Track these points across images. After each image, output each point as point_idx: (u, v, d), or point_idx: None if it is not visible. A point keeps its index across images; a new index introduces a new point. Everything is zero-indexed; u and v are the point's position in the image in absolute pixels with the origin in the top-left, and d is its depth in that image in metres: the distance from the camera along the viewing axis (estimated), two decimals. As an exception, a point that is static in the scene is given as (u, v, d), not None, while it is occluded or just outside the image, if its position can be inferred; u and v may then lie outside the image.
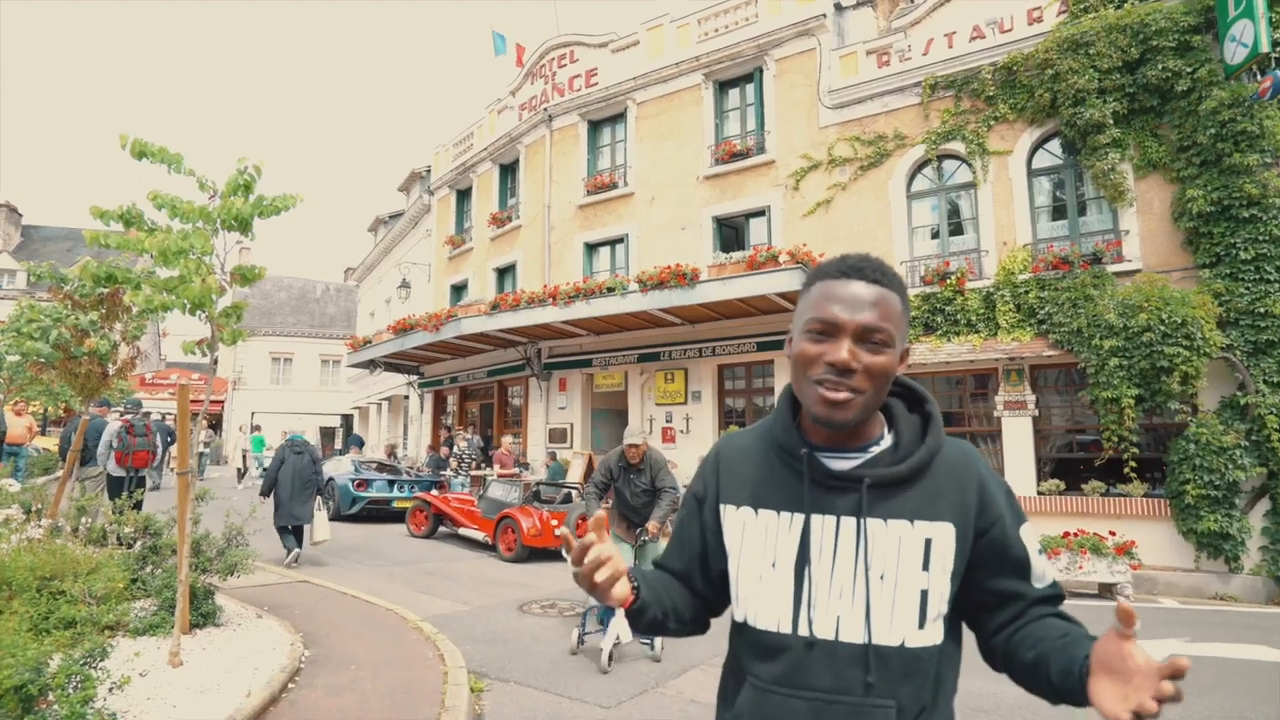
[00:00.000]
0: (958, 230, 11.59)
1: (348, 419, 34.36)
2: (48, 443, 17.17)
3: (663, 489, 5.84)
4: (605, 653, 5.21)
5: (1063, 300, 9.92)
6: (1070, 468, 10.28)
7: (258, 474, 21.82)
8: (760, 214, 13.54)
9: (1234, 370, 8.97)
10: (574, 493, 11.38)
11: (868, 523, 1.12)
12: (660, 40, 15.03)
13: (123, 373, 7.71)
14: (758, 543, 1.20)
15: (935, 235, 11.75)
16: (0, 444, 12.60)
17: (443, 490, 14.03)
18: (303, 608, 6.42)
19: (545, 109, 16.80)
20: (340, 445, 31.64)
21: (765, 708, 1.15)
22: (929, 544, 1.11)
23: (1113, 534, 8.67)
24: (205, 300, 4.54)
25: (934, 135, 11.50)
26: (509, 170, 18.93)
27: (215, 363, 35.05)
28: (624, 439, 5.94)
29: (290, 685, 4.37)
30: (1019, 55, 10.68)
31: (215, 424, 34.41)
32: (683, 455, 13.09)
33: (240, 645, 4.97)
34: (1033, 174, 10.93)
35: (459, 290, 20.12)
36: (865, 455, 1.17)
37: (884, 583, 1.11)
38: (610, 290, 12.88)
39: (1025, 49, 10.65)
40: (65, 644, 4.08)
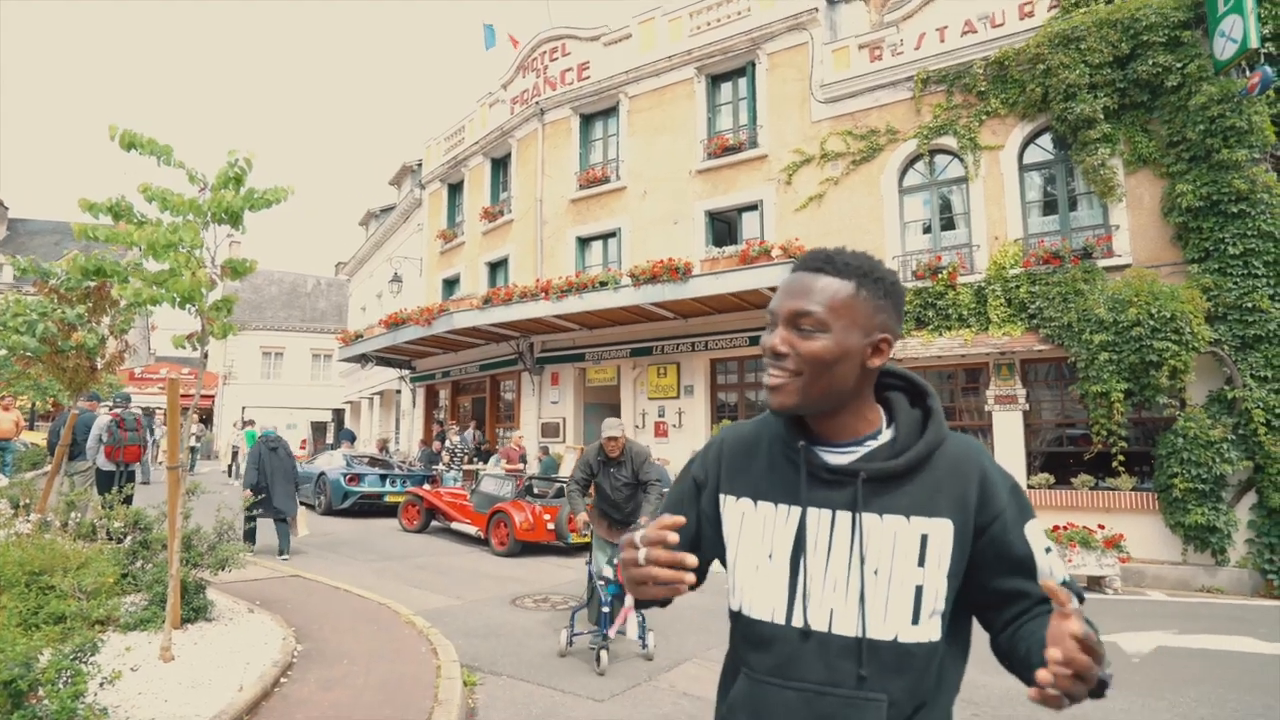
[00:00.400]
0: (949, 225, 11.62)
1: (339, 414, 34.23)
2: (36, 437, 17.05)
3: (648, 481, 5.66)
4: (601, 657, 5.03)
5: (1053, 295, 9.97)
6: (1060, 461, 10.35)
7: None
8: (753, 208, 13.55)
9: (1222, 365, 9.05)
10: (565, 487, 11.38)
11: (863, 517, 1.12)
12: (652, 33, 14.99)
13: (111, 367, 7.64)
14: (755, 534, 1.20)
15: (927, 230, 11.78)
16: None
17: (435, 485, 14.02)
18: (295, 602, 6.41)
19: (537, 102, 16.74)
20: (332, 440, 31.54)
21: (758, 698, 1.16)
22: (925, 540, 1.11)
23: (1101, 527, 8.74)
24: (195, 294, 4.50)
25: (926, 130, 11.52)
26: (501, 164, 18.86)
27: (206, 357, 34.85)
28: (602, 431, 5.78)
29: (282, 679, 4.37)
30: (1010, 50, 10.70)
31: (206, 419, 34.27)
32: (675, 450, 13.12)
33: (232, 640, 4.95)
34: (1024, 169, 10.97)
35: (451, 284, 20.06)
36: (863, 449, 1.17)
37: (878, 577, 1.11)
38: (603, 284, 12.87)
39: (1017, 43, 10.67)
40: (55, 639, 4.07)
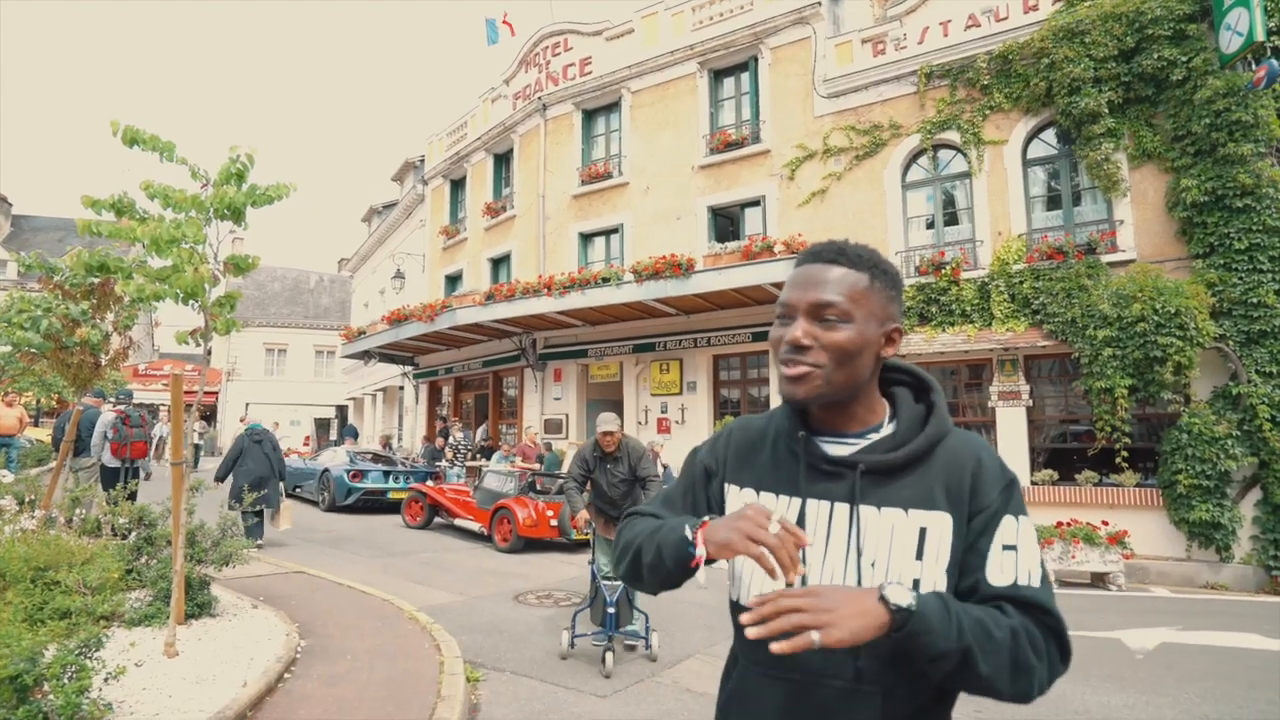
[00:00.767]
0: (953, 220, 11.59)
1: (342, 410, 34.29)
2: (41, 434, 17.10)
3: (647, 478, 5.60)
4: (607, 659, 4.90)
5: (1057, 290, 9.94)
6: (1064, 458, 10.33)
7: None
8: (755, 204, 13.52)
9: (1226, 360, 9.01)
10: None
11: (861, 509, 1.12)
12: (655, 28, 14.95)
13: (115, 363, 7.66)
14: None
15: (930, 225, 11.75)
16: None
17: (438, 481, 14.04)
18: (298, 598, 6.42)
19: (539, 98, 16.71)
20: (335, 436, 31.59)
21: (754, 689, 1.17)
22: (923, 533, 1.10)
23: (1105, 524, 8.73)
24: (198, 290, 4.50)
25: (929, 125, 11.48)
26: (503, 160, 18.84)
27: (209, 353, 34.93)
28: (597, 426, 5.68)
29: (286, 675, 4.37)
30: (1014, 44, 10.66)
31: (210, 415, 34.35)
32: (678, 446, 13.11)
33: (236, 635, 4.96)
34: (1028, 164, 10.93)
35: (454, 281, 20.06)
36: (864, 441, 1.17)
37: (875, 570, 1.10)
38: (605, 281, 12.86)
39: (1021, 38, 10.63)
40: (60, 634, 4.08)
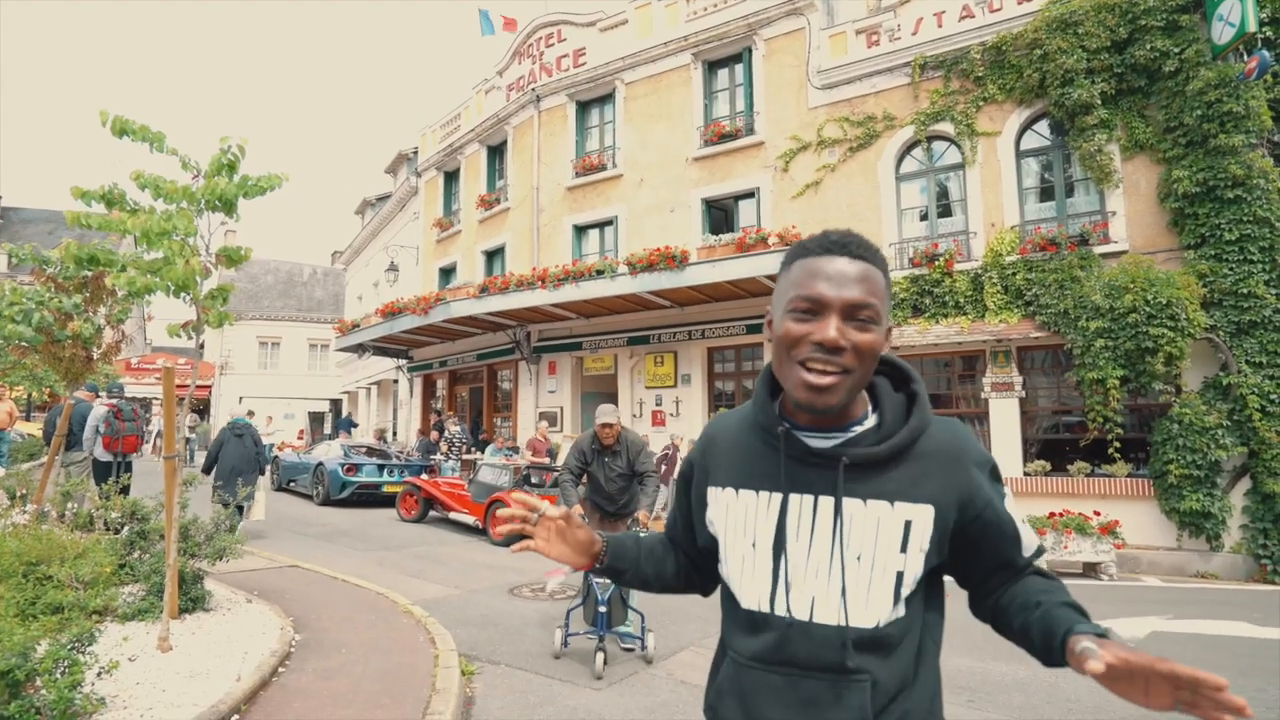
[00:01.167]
0: (946, 212, 11.60)
1: (336, 403, 34.20)
2: (32, 428, 17.03)
3: (644, 473, 5.51)
4: (597, 660, 4.74)
5: (1050, 282, 9.97)
6: (1056, 448, 10.38)
7: None
8: (749, 196, 13.50)
9: (1217, 351, 9.06)
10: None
11: (845, 503, 1.11)
12: (649, 19, 14.88)
13: (107, 356, 7.63)
14: (739, 523, 1.19)
15: (924, 217, 11.76)
16: None
17: (433, 475, 14.03)
18: (293, 592, 6.41)
19: (533, 89, 16.63)
20: (329, 430, 31.53)
21: (743, 683, 1.16)
22: (908, 526, 1.10)
23: (1097, 514, 8.77)
24: (189, 282, 4.47)
25: (923, 116, 11.48)
26: (497, 152, 18.77)
27: (202, 346, 34.75)
28: (596, 418, 5.53)
29: (281, 669, 4.37)
30: (1008, 35, 10.65)
31: (203, 409, 34.22)
32: (668, 439, 13.12)
33: (230, 630, 4.95)
34: (1021, 155, 10.94)
35: (447, 273, 20.00)
36: (847, 434, 1.15)
37: (860, 564, 1.10)
38: (599, 273, 12.84)
39: (1014, 28, 10.62)
40: (52, 629, 4.07)
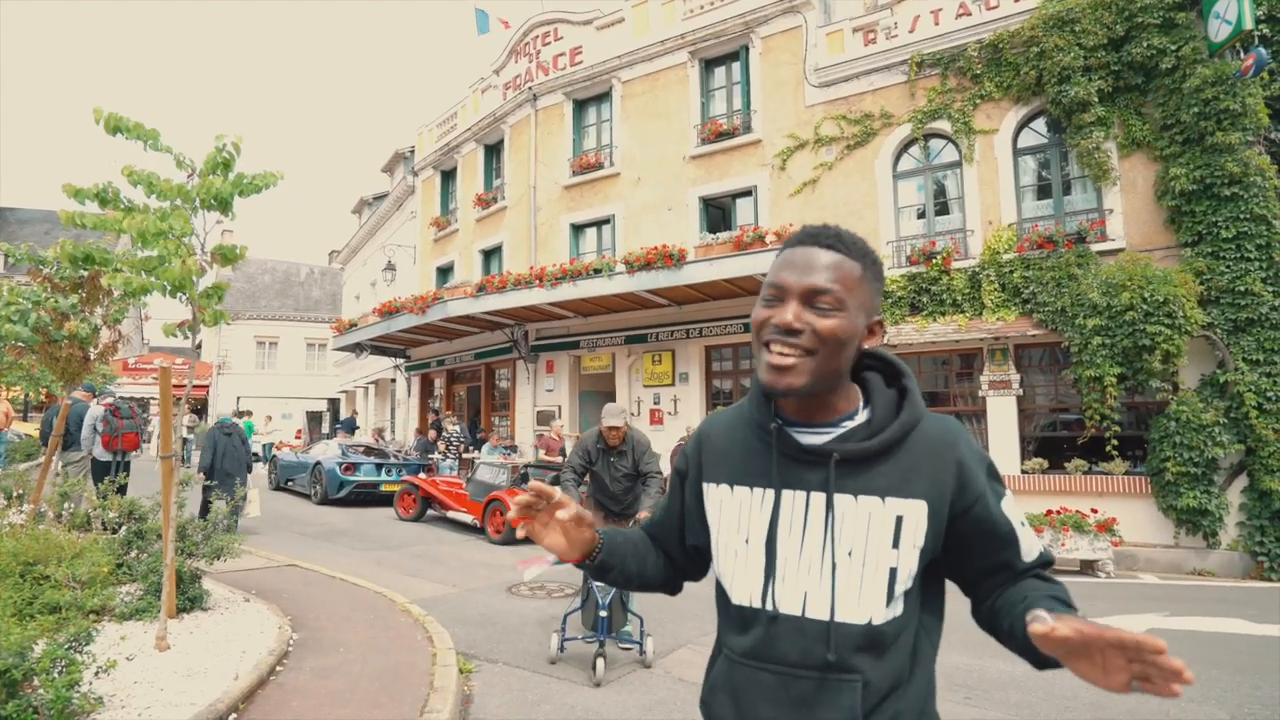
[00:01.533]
0: (943, 210, 11.61)
1: (334, 403, 34.17)
2: (29, 428, 16.99)
3: (648, 474, 5.45)
4: (598, 665, 4.59)
5: (1047, 280, 9.98)
6: (1054, 446, 10.40)
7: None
8: (747, 194, 13.50)
9: (1214, 348, 9.08)
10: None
11: (837, 499, 1.11)
12: (645, 17, 14.87)
13: (104, 357, 7.62)
14: (732, 519, 1.20)
15: (921, 215, 11.76)
16: None
17: (430, 473, 14.02)
18: (290, 591, 6.41)
19: (530, 88, 16.61)
20: (327, 429, 31.49)
21: (736, 679, 1.17)
22: (900, 521, 1.10)
23: (1095, 511, 8.78)
24: (185, 282, 4.47)
25: (920, 114, 11.48)
26: (494, 150, 18.74)
27: (199, 346, 34.65)
28: (602, 419, 5.45)
29: (278, 668, 4.37)
30: (1005, 32, 10.65)
31: (200, 409, 34.16)
32: (670, 437, 13.13)
33: (227, 629, 4.95)
34: (1018, 153, 10.95)
35: (445, 272, 19.98)
36: (838, 430, 1.15)
37: (852, 560, 1.10)
38: (597, 272, 12.82)
39: (1011, 26, 10.63)
40: (50, 629, 4.07)
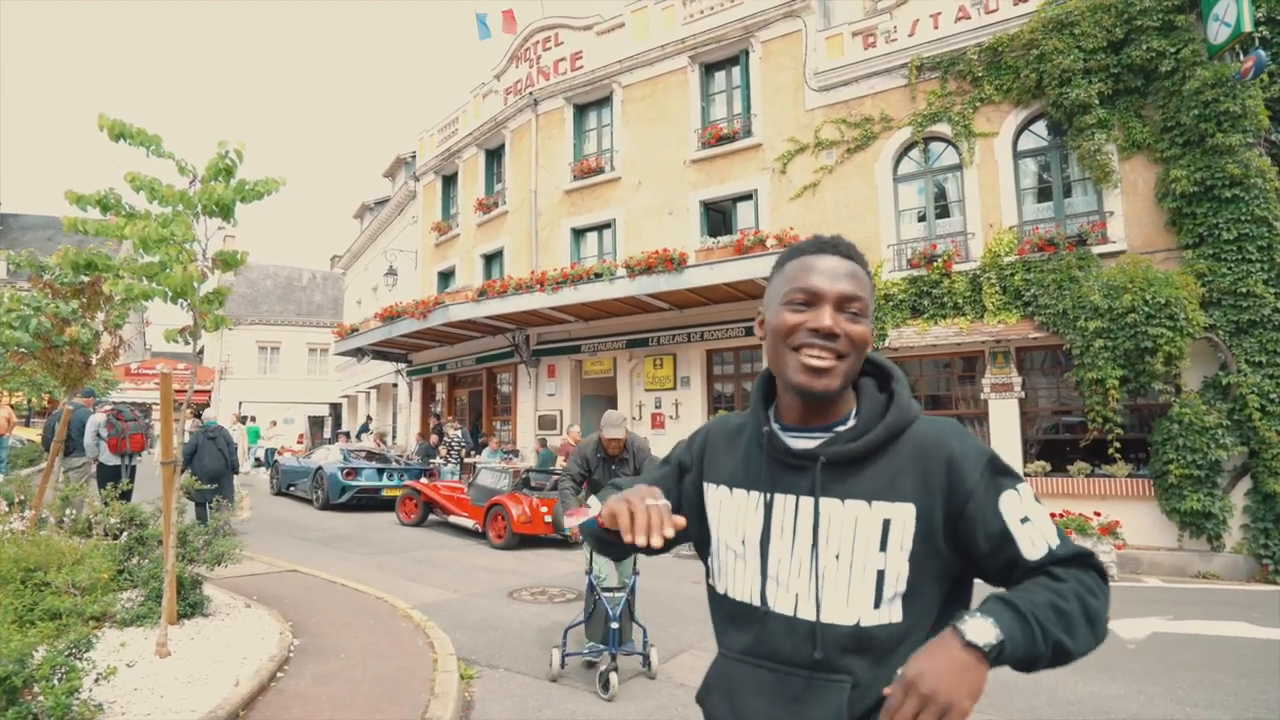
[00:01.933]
0: (944, 213, 11.60)
1: (336, 408, 34.18)
2: (31, 434, 17.01)
3: None
4: (611, 680, 4.47)
5: (1048, 282, 9.96)
6: (1056, 449, 10.37)
7: (249, 465, 21.70)
8: (747, 198, 13.50)
9: (1216, 350, 9.06)
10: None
11: (822, 502, 1.13)
12: (645, 22, 14.90)
13: (105, 362, 7.64)
14: (730, 520, 1.23)
15: (922, 218, 11.76)
16: None
17: (432, 478, 14.01)
18: (291, 597, 6.41)
19: (530, 93, 16.64)
20: (329, 434, 31.49)
21: (731, 676, 1.20)
22: (887, 525, 1.10)
23: (1098, 514, 8.76)
24: (187, 288, 4.47)
25: (920, 117, 11.48)
26: (495, 155, 18.77)
27: (201, 352, 34.69)
28: (602, 427, 5.31)
29: (279, 674, 4.36)
30: (1004, 36, 10.66)
31: (201, 414, 34.20)
32: (673, 442, 13.10)
33: (228, 635, 4.95)
34: (1018, 156, 10.94)
35: (446, 277, 20.00)
36: (830, 434, 1.17)
37: (839, 563, 1.11)
38: (598, 276, 12.83)
39: (1011, 29, 10.63)
40: (50, 635, 4.06)
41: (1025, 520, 1.09)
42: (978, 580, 1.17)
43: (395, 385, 23.31)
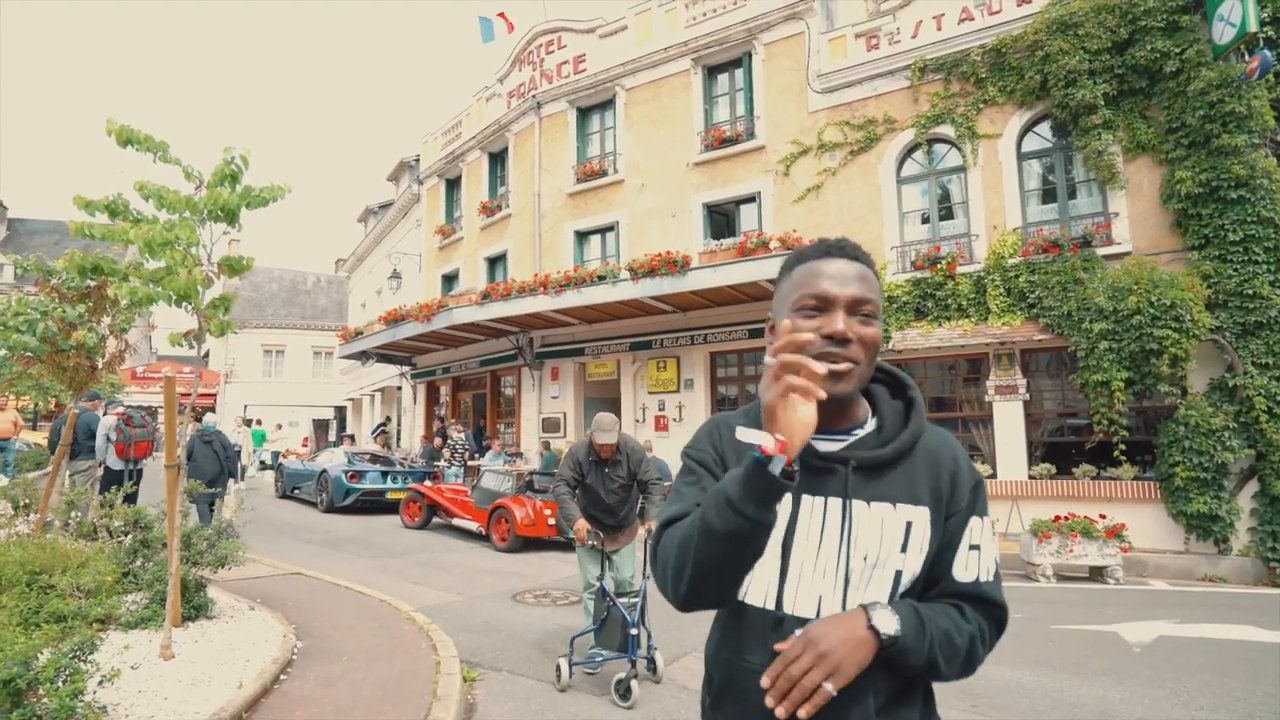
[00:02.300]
0: (948, 215, 11.58)
1: (340, 411, 34.25)
2: (38, 437, 17.09)
3: (649, 481, 5.18)
4: (632, 688, 4.40)
5: (1053, 284, 9.93)
6: (1061, 451, 10.33)
7: (256, 469, 21.76)
8: (750, 200, 13.50)
9: (1223, 352, 9.02)
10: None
11: (853, 504, 1.15)
12: (648, 25, 14.92)
13: (111, 366, 7.65)
14: None
15: (925, 220, 11.74)
16: None
17: (436, 481, 14.03)
18: (295, 599, 6.42)
19: (534, 96, 16.68)
20: (334, 437, 31.55)
21: (745, 683, 1.17)
22: (909, 527, 1.15)
23: (1103, 517, 8.72)
24: (191, 292, 4.49)
25: (923, 119, 11.47)
26: (498, 159, 18.82)
27: (207, 356, 34.81)
28: (593, 433, 5.09)
29: (282, 677, 4.37)
30: (1008, 37, 10.65)
31: (202, 418, 34.30)
32: (676, 444, 13.11)
33: (232, 637, 4.96)
34: (1022, 157, 10.92)
35: (450, 280, 20.04)
36: (851, 438, 1.19)
37: (865, 564, 1.14)
38: (601, 279, 12.84)
39: (1014, 30, 10.62)
40: (54, 638, 4.07)
41: (974, 547, 1.19)
42: None
43: (400, 388, 23.36)
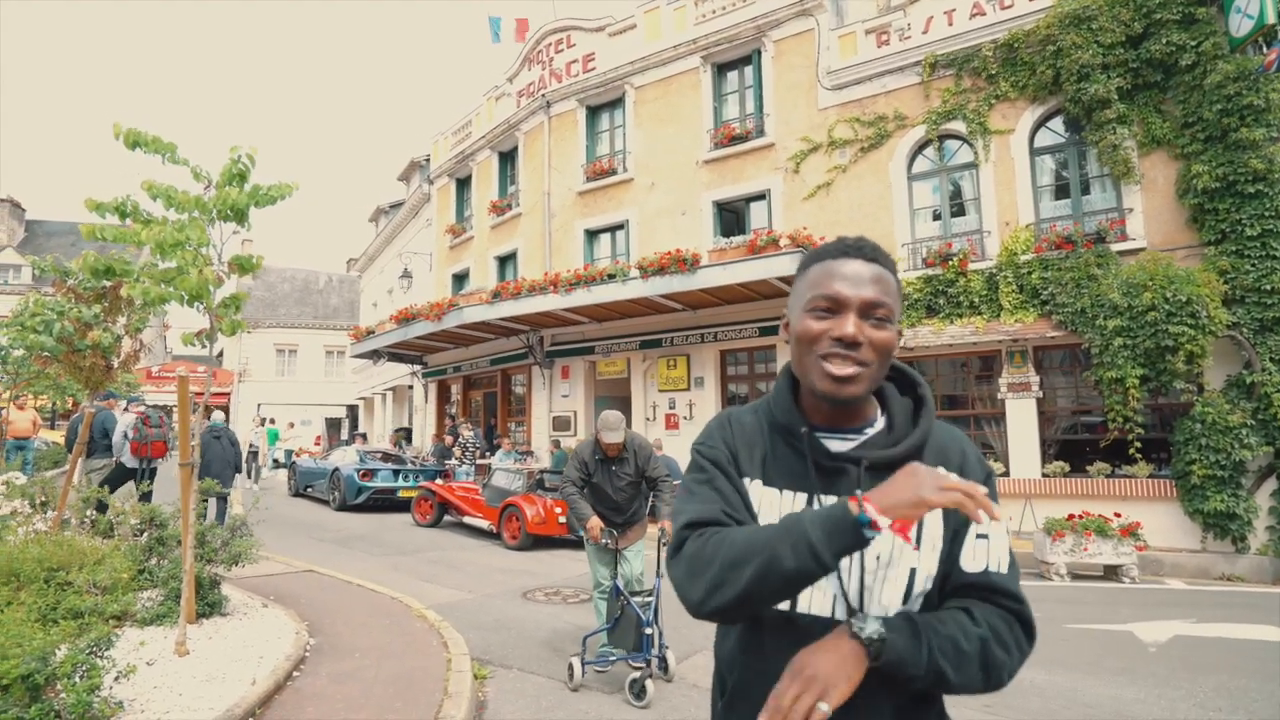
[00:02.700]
0: (959, 211, 11.50)
1: (353, 409, 34.44)
2: (56, 436, 17.30)
3: (659, 479, 5.07)
4: (648, 687, 4.36)
5: (1066, 280, 9.85)
6: (1075, 449, 10.25)
7: (270, 468, 21.90)
8: (760, 198, 13.46)
9: (1240, 348, 8.91)
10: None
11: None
12: (657, 23, 14.90)
13: (126, 365, 7.73)
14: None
15: (937, 217, 11.67)
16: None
17: (447, 479, 14.08)
18: (308, 597, 6.46)
19: (543, 95, 16.70)
20: (346, 436, 31.73)
21: (762, 685, 1.14)
22: (921, 524, 1.13)
23: (1118, 515, 8.63)
24: (202, 292, 4.53)
25: (934, 115, 11.40)
26: (508, 158, 18.85)
27: (221, 355, 35.06)
28: (599, 432, 5.02)
29: (295, 673, 4.40)
30: (1020, 32, 10.56)
31: (210, 415, 34.56)
32: (686, 443, 13.09)
33: (246, 634, 5.00)
34: (1035, 153, 10.83)
35: (460, 279, 20.11)
36: (862, 437, 1.19)
37: (879, 563, 1.13)
38: (611, 277, 12.84)
39: (1026, 25, 10.54)
40: (71, 634, 4.11)
41: (982, 536, 1.14)
42: None
43: (411, 387, 23.46)
